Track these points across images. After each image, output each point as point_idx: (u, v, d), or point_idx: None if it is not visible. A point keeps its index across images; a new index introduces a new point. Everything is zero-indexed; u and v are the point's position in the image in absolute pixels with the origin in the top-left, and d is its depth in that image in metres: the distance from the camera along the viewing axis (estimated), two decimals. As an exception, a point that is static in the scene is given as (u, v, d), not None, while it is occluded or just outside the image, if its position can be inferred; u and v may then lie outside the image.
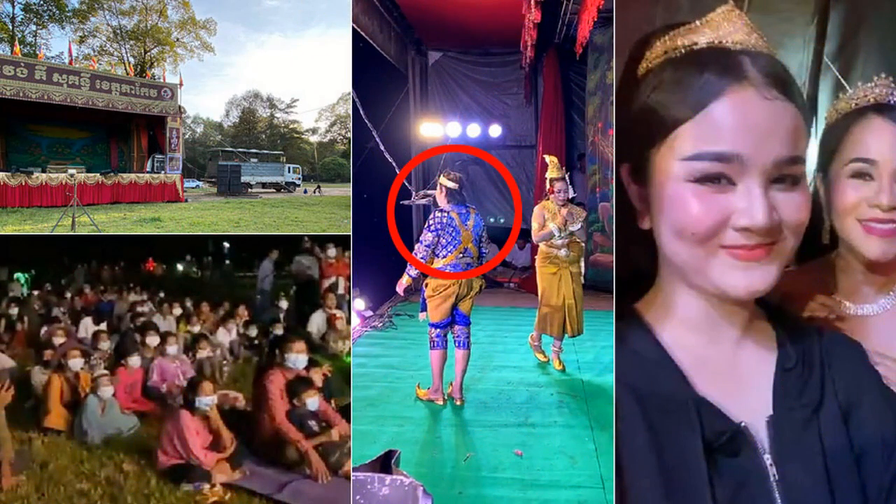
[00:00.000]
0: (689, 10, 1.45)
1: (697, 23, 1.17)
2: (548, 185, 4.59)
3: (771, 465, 1.16)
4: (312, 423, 3.00)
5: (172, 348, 4.07)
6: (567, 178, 4.59)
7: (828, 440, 1.17)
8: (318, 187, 14.26)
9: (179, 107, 10.27)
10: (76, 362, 3.54)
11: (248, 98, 19.27)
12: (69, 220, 6.47)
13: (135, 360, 3.79)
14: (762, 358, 1.24)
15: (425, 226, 3.97)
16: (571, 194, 4.63)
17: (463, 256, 3.92)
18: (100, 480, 2.79)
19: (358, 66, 6.00)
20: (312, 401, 3.03)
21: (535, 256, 4.84)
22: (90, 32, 14.31)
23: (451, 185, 3.98)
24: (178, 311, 5.32)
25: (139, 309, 5.25)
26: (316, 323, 4.92)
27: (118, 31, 14.61)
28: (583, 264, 4.93)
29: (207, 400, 2.93)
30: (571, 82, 8.70)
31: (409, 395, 4.06)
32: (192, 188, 13.12)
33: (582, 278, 4.80)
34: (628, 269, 1.35)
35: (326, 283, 5.33)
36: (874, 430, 1.18)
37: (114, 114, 9.89)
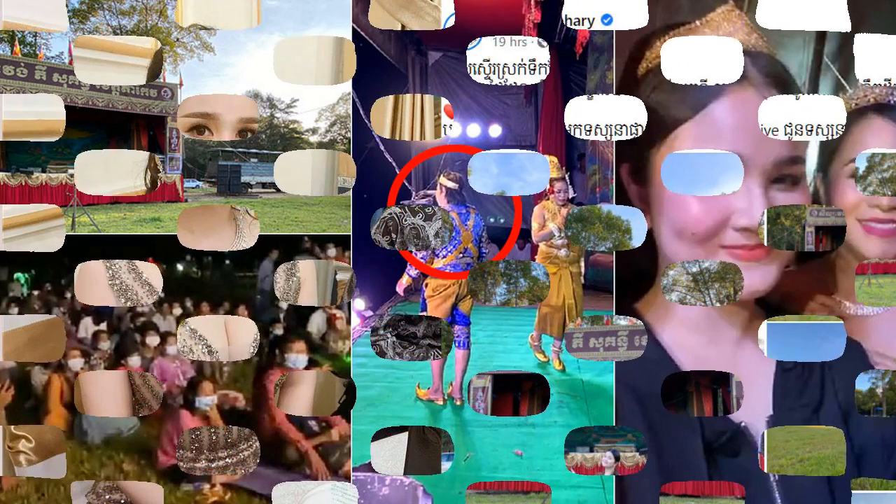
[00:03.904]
0: (689, 10, 1.44)
1: (697, 23, 1.17)
2: (548, 185, 4.59)
3: (771, 465, 1.16)
4: (312, 423, 3.00)
5: (172, 348, 4.06)
6: (567, 178, 4.59)
7: (828, 440, 1.17)
8: (319, 187, 14.24)
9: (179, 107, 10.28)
10: (76, 362, 3.54)
11: (248, 98, 19.28)
12: (69, 220, 6.46)
13: (135, 360, 3.78)
14: (762, 358, 1.24)
15: (425, 226, 3.97)
16: (571, 194, 4.63)
17: (463, 256, 3.92)
18: (100, 480, 2.78)
19: (358, 66, 5.98)
20: (312, 401, 3.02)
21: (535, 256, 4.84)
22: (90, 32, 14.32)
23: (451, 185, 3.98)
24: (178, 311, 5.30)
25: (139, 309, 5.24)
26: (316, 323, 4.89)
27: (118, 31, 14.62)
28: (583, 264, 4.93)
29: (207, 400, 2.94)
30: (571, 82, 8.69)
31: (409, 395, 4.06)
32: (192, 188, 13.07)
33: (582, 278, 4.80)
34: (628, 269, 1.35)
35: (326, 283, 5.32)
36: (874, 430, 1.18)
37: (114, 114, 9.85)
